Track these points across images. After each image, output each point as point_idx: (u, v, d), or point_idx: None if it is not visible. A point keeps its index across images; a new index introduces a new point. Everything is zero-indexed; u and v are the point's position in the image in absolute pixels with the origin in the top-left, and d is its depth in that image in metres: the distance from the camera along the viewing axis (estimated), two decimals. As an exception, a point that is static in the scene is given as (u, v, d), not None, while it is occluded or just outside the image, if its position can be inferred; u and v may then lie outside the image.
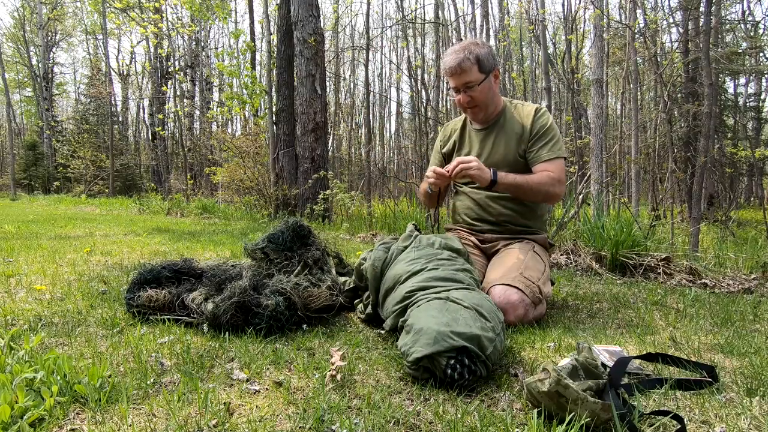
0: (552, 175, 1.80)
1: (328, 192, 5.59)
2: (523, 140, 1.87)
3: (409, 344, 1.15)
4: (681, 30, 10.75)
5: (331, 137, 17.74)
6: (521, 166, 1.88)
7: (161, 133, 16.35)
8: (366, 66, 10.65)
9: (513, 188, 1.78)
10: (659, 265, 2.70)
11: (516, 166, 1.87)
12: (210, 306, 1.48)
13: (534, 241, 1.91)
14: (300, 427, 0.92)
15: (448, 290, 1.34)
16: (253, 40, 12.12)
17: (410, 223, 1.76)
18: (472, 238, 1.98)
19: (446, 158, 2.10)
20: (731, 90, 15.76)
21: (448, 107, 16.13)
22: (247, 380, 1.12)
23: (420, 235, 1.67)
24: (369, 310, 1.60)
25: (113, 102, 21.07)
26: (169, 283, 1.68)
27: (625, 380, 1.14)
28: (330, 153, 11.87)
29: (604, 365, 1.18)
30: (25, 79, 27.17)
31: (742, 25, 12.58)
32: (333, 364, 1.14)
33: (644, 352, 1.32)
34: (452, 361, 1.09)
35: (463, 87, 1.83)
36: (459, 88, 1.85)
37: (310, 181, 6.10)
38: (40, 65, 21.69)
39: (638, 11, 9.97)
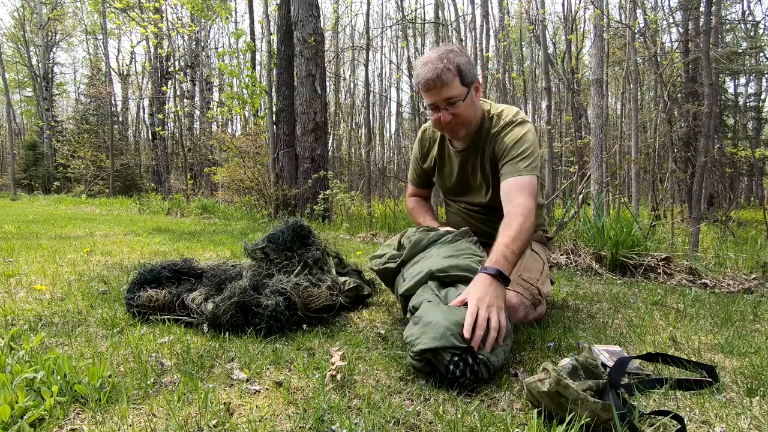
0: (520, 212, 1.45)
1: (328, 192, 5.60)
2: (498, 158, 1.65)
3: (415, 335, 1.16)
4: (681, 30, 10.75)
5: (331, 137, 17.75)
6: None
7: (161, 133, 16.35)
8: (366, 66, 10.65)
9: (519, 257, 1.41)
10: (659, 265, 2.70)
11: (498, 188, 1.65)
12: (210, 306, 1.48)
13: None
14: (300, 427, 0.92)
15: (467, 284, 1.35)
16: (253, 40, 12.13)
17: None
18: None
19: (428, 171, 1.91)
20: (731, 90, 15.77)
21: (448, 107, 16.11)
22: (247, 380, 1.12)
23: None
24: (390, 264, 1.60)
25: (113, 102, 21.08)
26: (169, 283, 1.68)
27: (625, 380, 1.14)
28: (330, 153, 11.88)
29: (604, 365, 1.18)
30: (25, 79, 27.17)
31: (742, 25, 12.59)
32: (333, 364, 1.14)
33: (644, 352, 1.32)
34: (456, 359, 1.10)
35: (444, 103, 1.54)
36: (438, 105, 1.56)
37: (310, 181, 6.11)
38: (40, 65, 21.69)
39: (638, 11, 9.97)
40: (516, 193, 1.51)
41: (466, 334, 1.13)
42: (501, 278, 1.29)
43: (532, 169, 1.55)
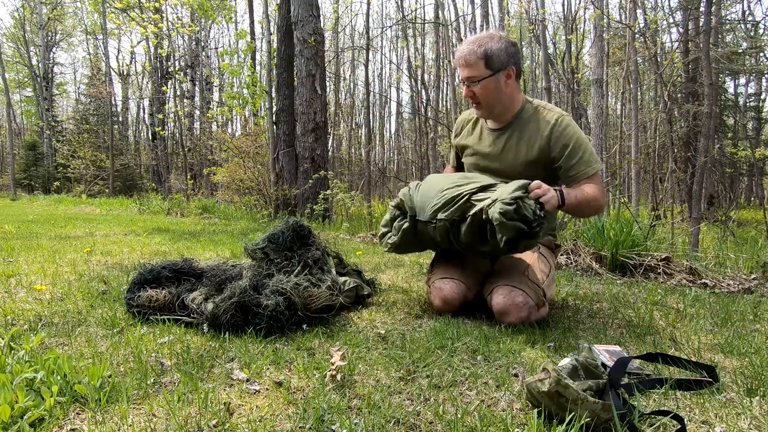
0: (599, 188, 1.70)
1: (328, 192, 5.60)
2: (541, 151, 1.74)
3: (504, 193, 1.47)
4: (681, 30, 10.75)
5: (331, 137, 17.74)
6: (530, 174, 1.74)
7: (161, 133, 16.34)
8: (366, 66, 10.65)
9: (574, 206, 1.64)
10: (659, 265, 2.70)
11: (524, 173, 1.76)
12: (210, 306, 1.48)
13: (539, 243, 1.87)
14: (300, 427, 0.92)
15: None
16: (253, 39, 12.12)
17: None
18: None
19: (460, 150, 2.02)
20: (731, 90, 15.76)
21: (448, 107, 16.15)
22: (247, 380, 1.12)
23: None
24: (396, 236, 1.73)
25: (113, 102, 21.05)
26: (169, 283, 1.68)
27: (625, 380, 1.14)
28: (330, 153, 11.87)
29: (604, 365, 1.18)
30: (25, 79, 27.15)
31: (742, 25, 12.59)
32: (333, 364, 1.14)
33: (644, 352, 1.32)
34: (538, 205, 1.47)
35: (467, 80, 1.73)
36: (464, 81, 1.76)
37: (310, 181, 6.10)
38: (40, 65, 21.66)
39: (638, 11, 9.97)
40: (591, 181, 1.72)
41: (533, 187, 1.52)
42: (560, 193, 1.58)
43: (596, 163, 1.74)
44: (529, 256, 1.77)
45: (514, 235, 1.43)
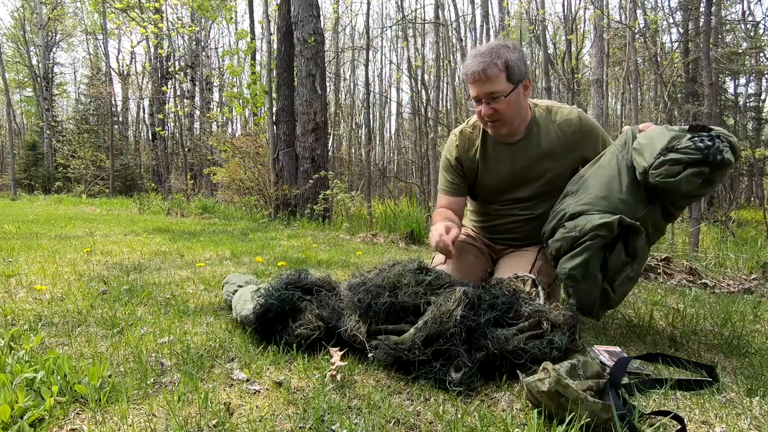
0: None
1: (328, 192, 5.60)
2: (567, 150, 1.65)
3: (646, 153, 1.30)
4: (681, 30, 10.75)
5: (331, 137, 17.74)
6: (561, 178, 1.65)
7: (161, 133, 16.36)
8: (366, 66, 10.65)
9: None
10: (659, 265, 2.70)
11: (557, 180, 1.66)
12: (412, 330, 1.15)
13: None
14: (300, 427, 0.92)
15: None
16: (253, 39, 12.13)
17: None
18: (482, 238, 1.89)
19: (468, 174, 1.78)
20: (731, 90, 15.75)
21: (448, 107, 16.14)
22: (247, 380, 1.12)
23: None
24: None
25: (113, 102, 21.05)
26: (299, 302, 1.41)
27: (625, 380, 1.14)
28: (330, 153, 11.86)
29: (604, 365, 1.18)
30: (25, 79, 27.14)
31: (742, 25, 12.59)
32: (333, 364, 1.14)
33: (644, 352, 1.32)
34: (695, 138, 1.19)
35: (487, 97, 1.53)
36: (481, 98, 1.54)
37: (310, 181, 6.11)
38: (40, 65, 21.65)
39: (638, 11, 9.98)
40: None
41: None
42: None
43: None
44: (534, 257, 1.67)
45: (699, 182, 1.23)
